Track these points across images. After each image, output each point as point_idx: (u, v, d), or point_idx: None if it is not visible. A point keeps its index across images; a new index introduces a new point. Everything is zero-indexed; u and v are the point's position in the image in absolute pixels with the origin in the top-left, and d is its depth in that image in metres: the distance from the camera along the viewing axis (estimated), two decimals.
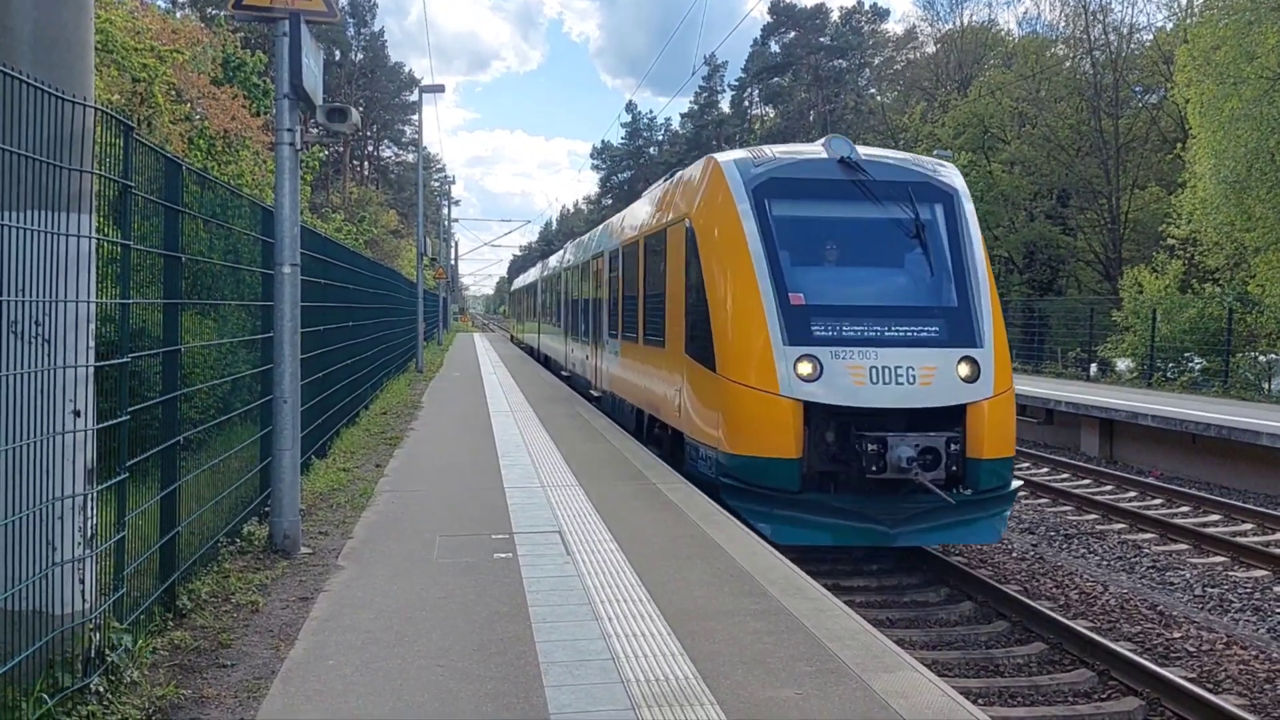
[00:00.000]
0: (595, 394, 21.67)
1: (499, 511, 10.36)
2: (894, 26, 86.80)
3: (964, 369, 10.90)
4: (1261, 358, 26.64)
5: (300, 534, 8.90)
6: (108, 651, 5.42)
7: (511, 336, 68.34)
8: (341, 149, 78.56)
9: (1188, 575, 12.28)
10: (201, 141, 20.74)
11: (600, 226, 24.03)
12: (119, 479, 5.81)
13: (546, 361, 36.98)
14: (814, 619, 6.90)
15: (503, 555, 8.59)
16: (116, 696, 5.31)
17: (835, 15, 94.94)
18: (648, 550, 8.77)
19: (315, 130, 9.21)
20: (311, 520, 9.89)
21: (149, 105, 18.81)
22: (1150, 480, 18.50)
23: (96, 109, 5.43)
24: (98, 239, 5.49)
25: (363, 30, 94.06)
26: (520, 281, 62.74)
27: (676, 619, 6.89)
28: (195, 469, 7.62)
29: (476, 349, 49.88)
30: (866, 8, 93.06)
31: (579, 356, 24.99)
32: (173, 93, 20.73)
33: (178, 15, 36.64)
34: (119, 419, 5.82)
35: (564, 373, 29.01)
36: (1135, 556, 13.21)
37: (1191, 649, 9.65)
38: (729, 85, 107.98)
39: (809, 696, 5.59)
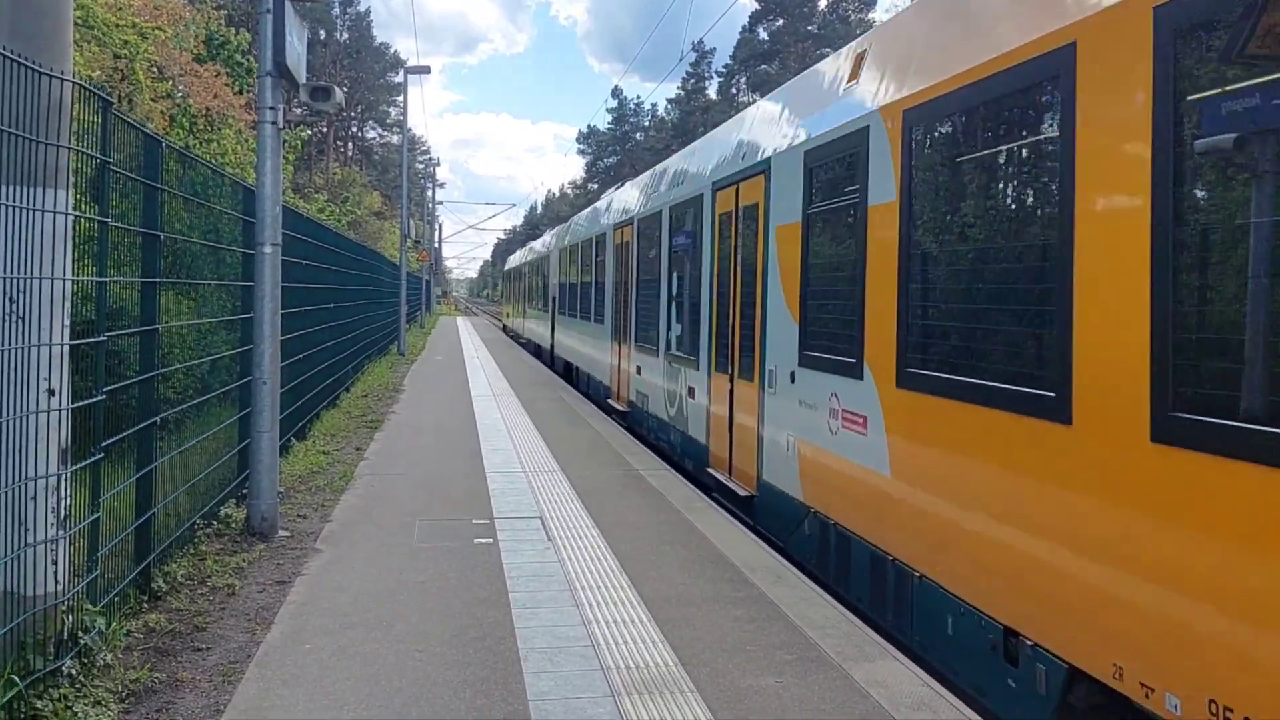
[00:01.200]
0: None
1: (480, 496, 10.31)
2: (881, 15, 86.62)
3: None
4: None
5: (278, 517, 8.82)
6: (81, 634, 5.35)
7: (505, 327, 55.21)
8: (325, 129, 78.01)
9: None
10: (184, 119, 20.52)
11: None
12: (94, 459, 5.73)
13: (569, 373, 25.22)
14: (795, 607, 6.88)
15: (483, 540, 8.55)
16: (89, 679, 5.24)
17: (823, 3, 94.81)
18: (629, 536, 8.74)
19: (299, 109, 9.11)
20: (290, 503, 9.81)
21: (130, 82, 18.58)
22: None
23: (75, 84, 5.33)
24: (75, 216, 5.39)
25: (348, 10, 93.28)
26: (521, 257, 45.67)
27: (657, 606, 6.86)
28: (173, 450, 7.53)
29: (460, 332, 49.71)
30: None
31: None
32: (154, 70, 20.49)
33: None
34: (95, 398, 5.74)
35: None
36: None
37: None
38: (716, 72, 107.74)
39: (789, 685, 5.57)
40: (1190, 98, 4.15)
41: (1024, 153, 5.54)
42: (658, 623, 6.52)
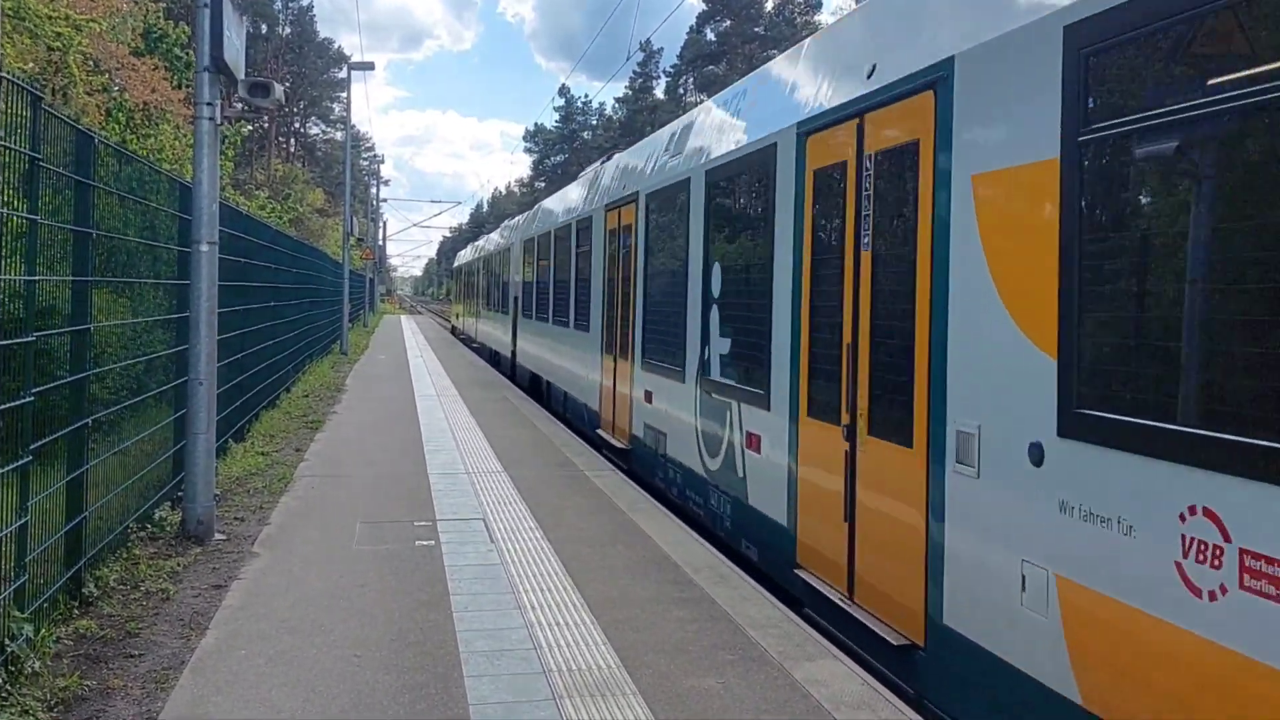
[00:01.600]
0: None
1: (422, 497, 10.22)
2: (827, 17, 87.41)
3: None
4: None
5: (214, 520, 8.68)
6: (7, 641, 5.21)
7: (454, 329, 51.02)
8: (267, 125, 77.01)
9: None
10: (120, 114, 20.12)
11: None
12: (22, 463, 5.59)
13: (537, 386, 21.19)
14: (738, 607, 6.90)
15: (425, 542, 8.47)
16: (16, 688, 5.11)
17: (770, 5, 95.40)
18: (573, 537, 8.71)
19: (237, 105, 8.96)
20: (227, 506, 9.66)
21: (64, 75, 18.19)
22: None
23: (2, 77, 5.19)
24: (2, 213, 5.25)
25: (291, 4, 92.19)
26: (475, 252, 40.33)
27: (600, 607, 6.84)
28: (105, 452, 7.37)
29: (403, 331, 49.30)
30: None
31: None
32: (90, 63, 20.09)
33: None
34: (22, 400, 5.60)
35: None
36: None
37: None
38: (664, 72, 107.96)
39: (730, 685, 5.58)
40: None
41: None
42: (601, 624, 6.50)
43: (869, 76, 6.55)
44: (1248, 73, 3.67)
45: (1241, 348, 3.67)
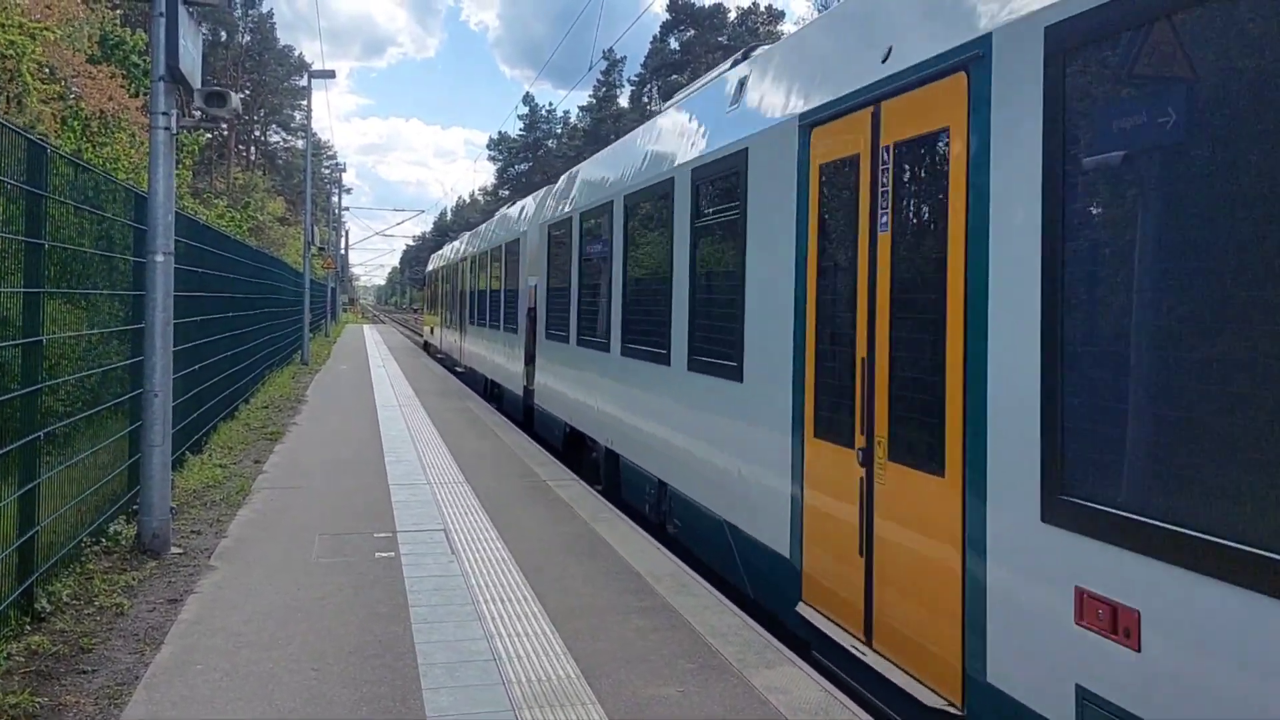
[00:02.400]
0: None
1: (382, 509, 10.16)
2: (790, 27, 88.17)
3: None
4: None
5: (170, 533, 8.58)
6: None
7: (427, 345, 43.46)
8: (226, 133, 76.35)
9: None
10: (75, 123, 19.89)
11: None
12: None
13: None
14: (698, 615, 6.91)
15: (384, 554, 8.42)
16: None
17: (733, 15, 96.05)
18: (535, 548, 8.69)
19: (194, 114, 8.89)
20: (183, 519, 9.55)
21: (18, 83, 17.96)
22: None
23: None
24: None
25: (250, 11, 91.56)
26: (462, 248, 30.97)
27: (561, 618, 6.83)
28: (58, 465, 7.27)
29: (366, 341, 48.98)
30: (763, 9, 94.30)
31: None
32: (45, 70, 19.85)
33: None
34: None
35: None
36: None
37: None
38: (628, 81, 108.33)
39: (690, 694, 5.59)
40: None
41: None
42: (561, 635, 6.49)
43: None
44: None
45: None
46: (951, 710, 4.98)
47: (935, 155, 5.36)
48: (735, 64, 9.14)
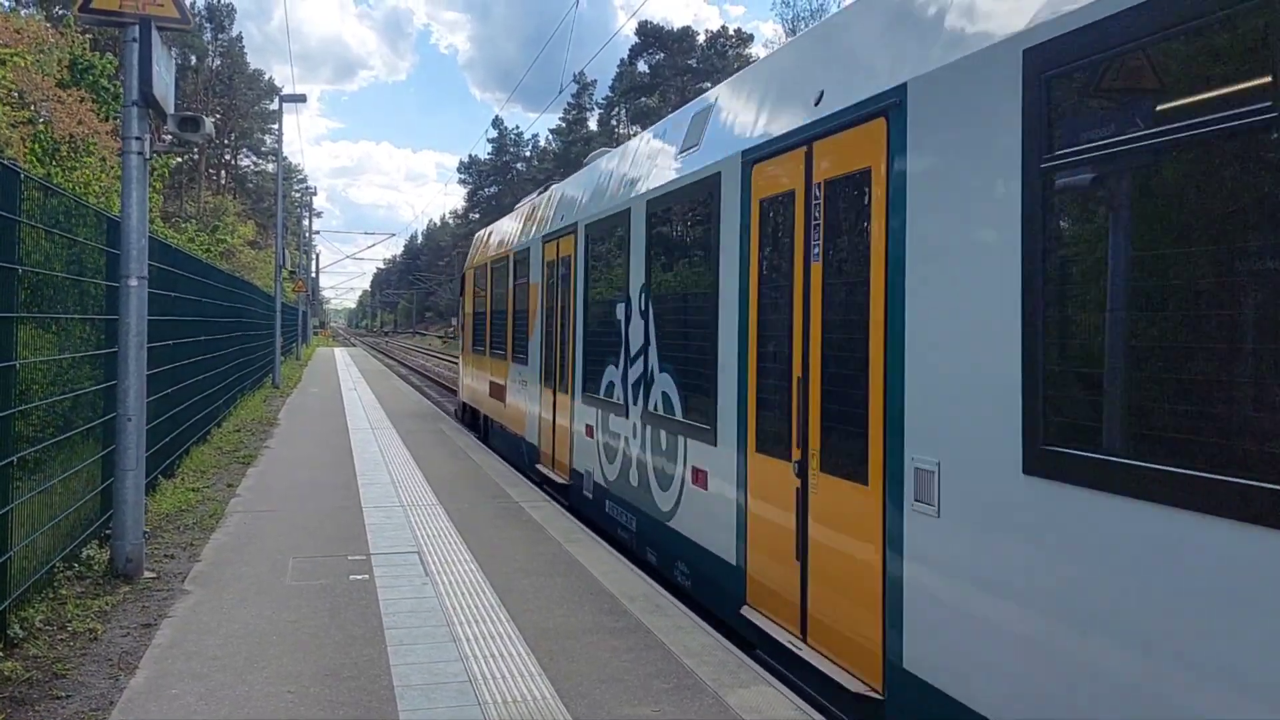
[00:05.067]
0: None
1: (356, 532, 10.16)
2: (759, 50, 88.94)
3: None
4: None
5: (144, 557, 8.56)
6: None
7: (466, 408, 22.84)
8: (197, 156, 76.02)
9: None
10: (37, 146, 19.78)
11: None
12: None
13: None
14: (672, 636, 6.97)
15: (359, 577, 8.43)
16: None
17: (702, 38, 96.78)
18: (509, 569, 8.72)
19: (167, 139, 8.91)
20: (157, 543, 9.52)
21: None
22: None
23: None
24: None
25: (220, 36, 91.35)
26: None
27: (536, 639, 6.87)
28: (30, 490, 7.24)
29: (337, 364, 48.80)
30: (732, 32, 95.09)
31: None
32: (15, 95, 19.75)
33: (21, 15, 34.95)
34: None
35: None
36: None
37: None
38: (597, 103, 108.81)
39: (665, 713, 5.64)
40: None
41: None
42: (536, 656, 6.53)
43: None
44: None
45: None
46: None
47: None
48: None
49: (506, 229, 17.89)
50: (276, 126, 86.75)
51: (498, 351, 17.46)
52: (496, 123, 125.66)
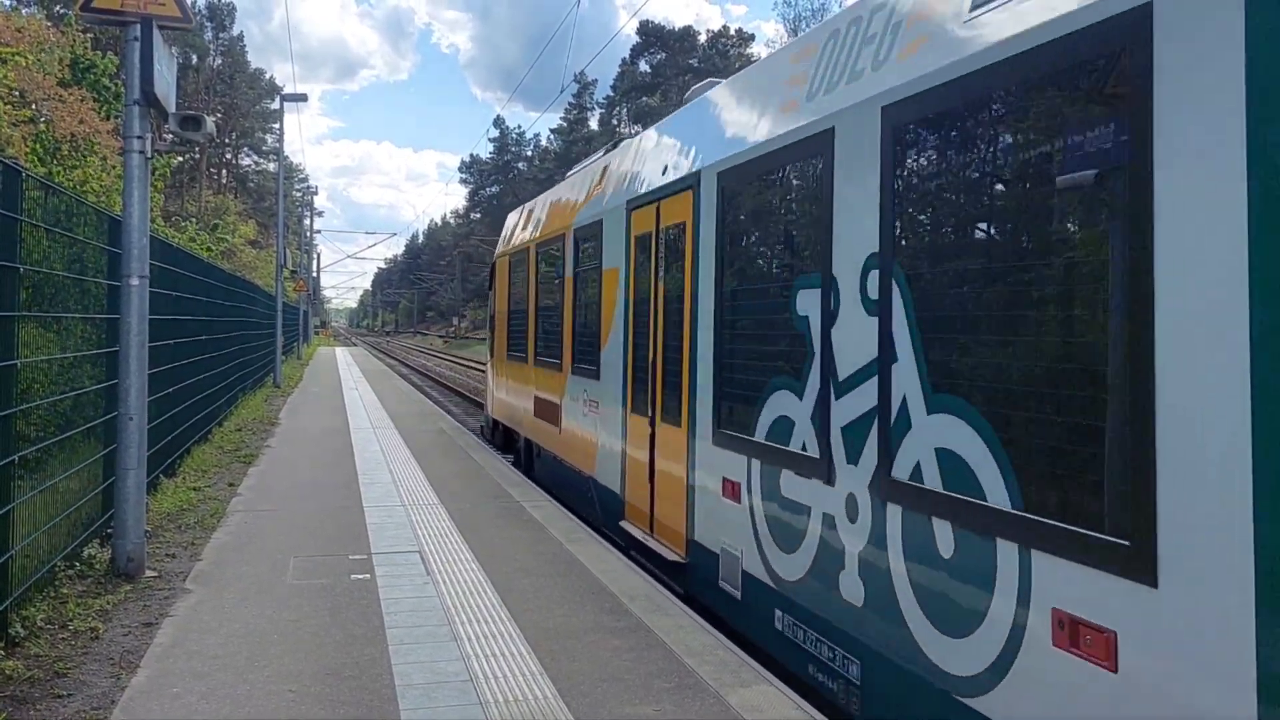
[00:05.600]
0: None
1: (357, 531, 10.16)
2: (760, 49, 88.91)
3: None
4: None
5: (145, 556, 8.56)
6: None
7: (499, 425, 18.13)
8: (198, 156, 76.04)
9: None
10: (39, 145, 19.79)
11: None
12: None
13: None
14: (673, 635, 6.97)
15: (360, 576, 8.43)
16: None
17: (703, 37, 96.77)
18: (510, 569, 8.72)
19: (168, 138, 8.91)
20: (158, 542, 9.52)
21: None
22: None
23: None
24: None
25: (221, 35, 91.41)
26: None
27: (537, 638, 6.87)
28: (32, 489, 7.25)
29: (338, 363, 48.82)
30: (733, 31, 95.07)
31: None
32: (15, 94, 19.76)
33: (23, 14, 34.97)
34: None
35: None
36: None
37: None
38: (598, 103, 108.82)
39: (667, 713, 5.63)
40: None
41: None
42: (538, 655, 6.53)
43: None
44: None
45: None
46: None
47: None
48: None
49: (560, 200, 13.97)
50: (277, 126, 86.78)
51: (547, 360, 13.69)
52: (498, 122, 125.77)
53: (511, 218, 18.05)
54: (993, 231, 4.87)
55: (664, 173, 9.23)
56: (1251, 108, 3.34)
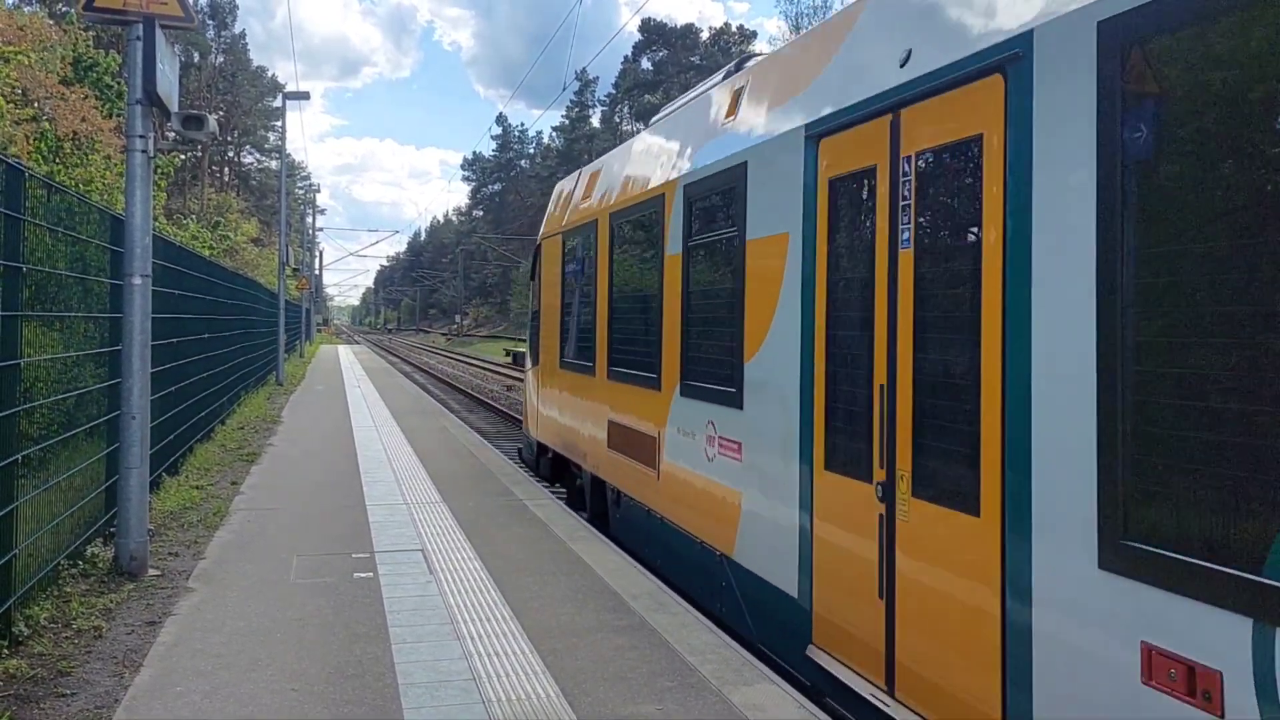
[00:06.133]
0: None
1: (360, 530, 10.17)
2: (762, 47, 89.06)
3: None
4: None
5: (148, 555, 8.57)
6: None
7: (542, 449, 14.51)
8: (200, 154, 76.07)
9: None
10: (42, 144, 19.80)
11: None
12: None
13: None
14: (676, 634, 6.97)
15: (363, 575, 8.44)
16: None
17: (705, 35, 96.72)
18: (512, 567, 8.73)
19: (170, 137, 8.92)
20: (161, 540, 9.53)
21: None
22: None
23: None
24: None
25: (223, 33, 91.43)
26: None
27: (540, 637, 6.87)
28: (35, 488, 7.25)
29: (341, 361, 48.84)
30: (735, 29, 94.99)
31: None
32: (18, 93, 19.78)
33: (25, 12, 35.00)
34: None
35: None
36: None
37: None
38: (600, 101, 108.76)
39: (669, 711, 5.64)
40: None
41: None
42: (540, 653, 6.54)
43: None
44: None
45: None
46: None
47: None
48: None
49: (651, 149, 10.21)
50: (280, 123, 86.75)
51: (630, 371, 10.08)
52: (500, 120, 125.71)
53: (564, 184, 14.32)
54: None
55: (908, 61, 5.40)
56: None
